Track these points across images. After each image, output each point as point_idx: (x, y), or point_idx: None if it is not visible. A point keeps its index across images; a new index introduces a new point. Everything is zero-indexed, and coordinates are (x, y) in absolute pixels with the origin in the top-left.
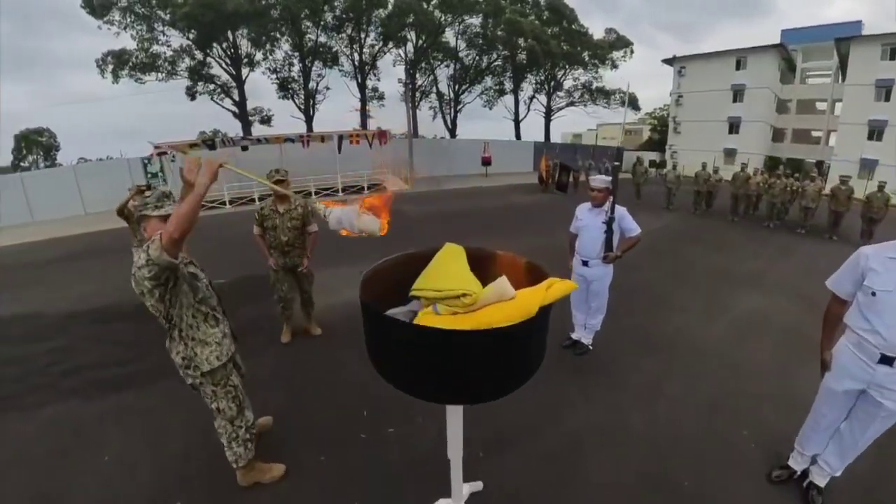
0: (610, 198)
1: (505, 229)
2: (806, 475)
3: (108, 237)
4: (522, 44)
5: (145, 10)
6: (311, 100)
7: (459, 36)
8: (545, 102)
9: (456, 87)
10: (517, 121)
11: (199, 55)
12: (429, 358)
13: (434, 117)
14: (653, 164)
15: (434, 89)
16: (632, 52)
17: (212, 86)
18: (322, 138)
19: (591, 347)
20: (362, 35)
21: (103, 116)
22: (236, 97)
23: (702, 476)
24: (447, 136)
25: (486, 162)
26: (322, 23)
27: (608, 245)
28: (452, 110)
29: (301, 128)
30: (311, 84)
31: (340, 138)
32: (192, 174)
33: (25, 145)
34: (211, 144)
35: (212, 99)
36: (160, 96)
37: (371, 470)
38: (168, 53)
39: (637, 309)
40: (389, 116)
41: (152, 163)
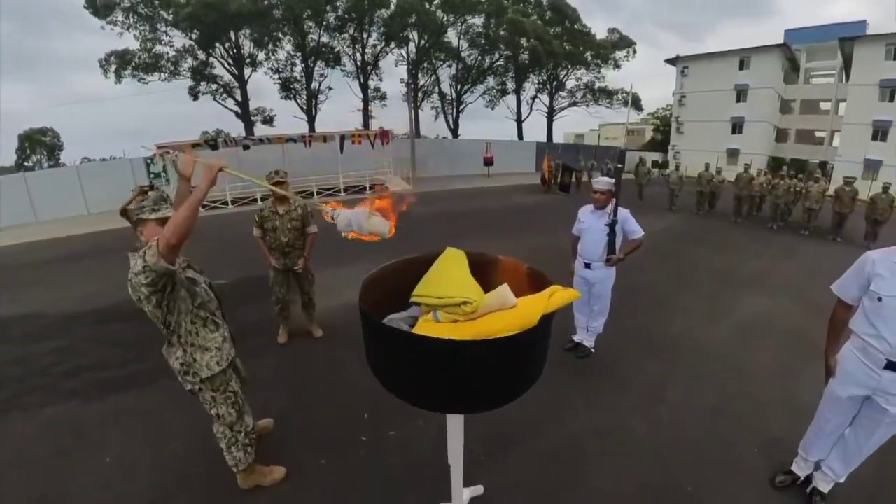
0: (613, 200)
1: (507, 230)
2: (809, 481)
3: (111, 237)
4: (525, 44)
5: (148, 11)
6: (314, 100)
7: (462, 36)
8: (547, 102)
9: (458, 87)
10: (519, 121)
11: (202, 55)
12: (428, 368)
13: (436, 117)
14: (655, 165)
15: (436, 89)
16: (634, 52)
17: (214, 86)
18: (324, 138)
19: (594, 350)
20: (364, 35)
21: (106, 116)
22: (239, 97)
23: (704, 481)
24: (449, 136)
25: (489, 162)
26: (324, 23)
27: (611, 248)
28: (454, 110)
29: (303, 128)
30: (314, 84)
31: (342, 138)
32: (188, 168)
33: (29, 145)
34: (213, 144)
35: (214, 99)
36: (163, 96)
37: (372, 473)
38: (171, 54)
39: (640, 310)
40: (391, 116)
41: (155, 163)
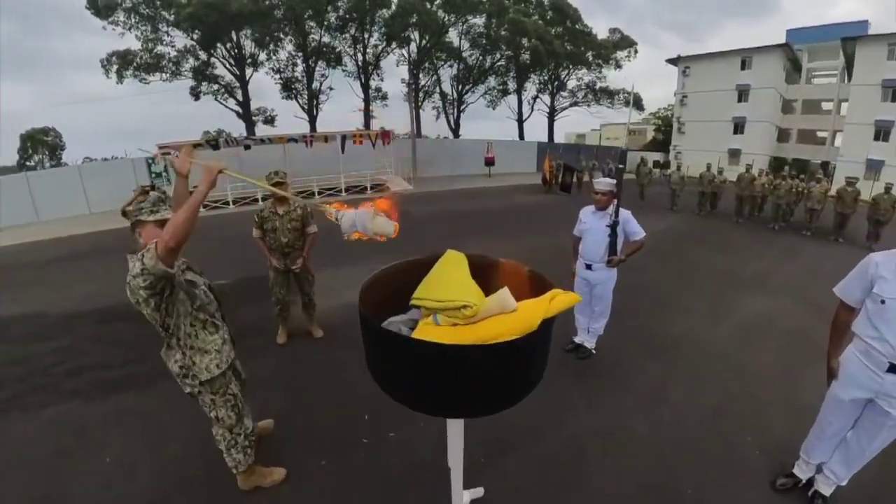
0: (614, 201)
1: (508, 230)
2: (811, 484)
3: (113, 237)
4: (526, 44)
5: (150, 11)
6: (315, 100)
7: (463, 36)
8: (549, 102)
9: (459, 87)
10: (520, 121)
11: (203, 55)
12: (427, 372)
13: (437, 117)
14: (657, 165)
15: (437, 89)
16: (636, 52)
17: (216, 86)
18: (325, 138)
19: (595, 351)
20: (366, 35)
21: (108, 116)
22: (240, 97)
23: (705, 483)
24: (450, 136)
25: (490, 162)
26: (326, 23)
27: (612, 249)
28: (456, 110)
29: (304, 128)
30: (315, 84)
31: (344, 138)
32: (185, 166)
33: (31, 145)
34: (215, 144)
35: (216, 99)
36: (164, 96)
37: (372, 475)
38: (172, 54)
39: (641, 311)
40: (393, 116)
41: (156, 163)
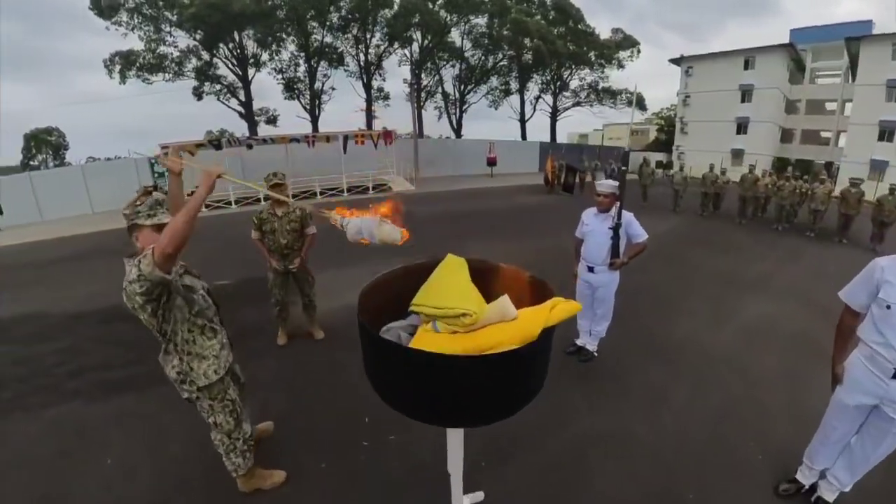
0: (616, 203)
1: (510, 231)
2: (814, 489)
3: (115, 237)
4: (528, 44)
5: (152, 12)
6: (317, 100)
7: (465, 36)
8: (551, 102)
9: (461, 87)
10: (523, 121)
11: (206, 56)
12: (424, 382)
13: (439, 117)
14: (659, 165)
15: (439, 89)
16: (638, 52)
17: (218, 86)
18: (327, 138)
19: (596, 354)
20: (368, 35)
21: (111, 116)
22: (242, 97)
23: (707, 488)
24: (452, 137)
25: (492, 162)
26: (328, 23)
27: (614, 251)
28: (458, 110)
29: (307, 128)
30: (317, 84)
31: (346, 138)
32: (176, 165)
33: (35, 144)
34: (217, 144)
35: (218, 99)
36: (167, 96)
37: (372, 477)
38: (175, 54)
39: (643, 313)
40: (395, 116)
41: (159, 163)
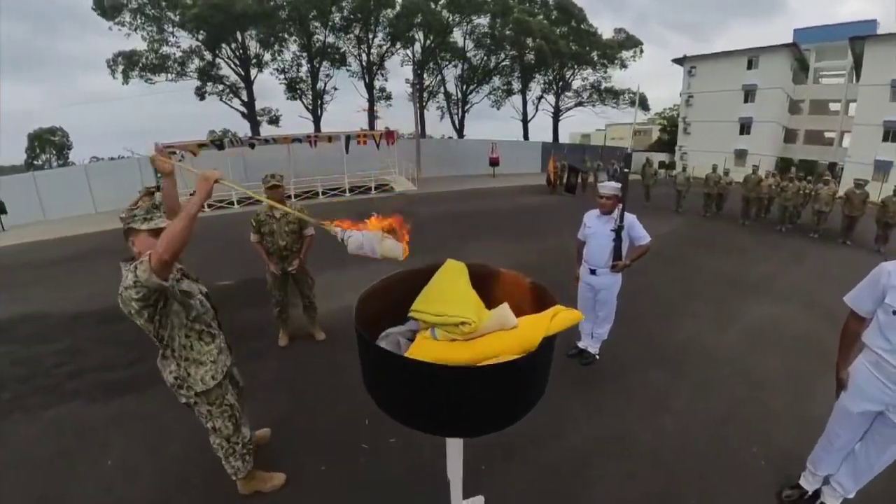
0: (619, 205)
1: (513, 231)
2: (817, 496)
3: (117, 237)
4: (531, 44)
5: (155, 12)
6: (319, 100)
7: (467, 36)
8: (553, 102)
9: (464, 87)
10: (525, 121)
11: (209, 56)
12: (422, 392)
13: (441, 117)
14: (662, 166)
15: (442, 89)
16: (641, 52)
17: (221, 86)
18: (329, 138)
19: (598, 357)
20: (370, 35)
21: (115, 116)
22: (245, 97)
23: (709, 494)
24: (455, 137)
25: (494, 162)
26: (330, 23)
27: (617, 254)
28: (460, 110)
29: (309, 128)
30: (319, 84)
31: (348, 138)
32: (165, 166)
33: (39, 144)
34: (220, 144)
35: (221, 99)
36: (170, 96)
37: (372, 480)
38: (178, 54)
39: (645, 315)
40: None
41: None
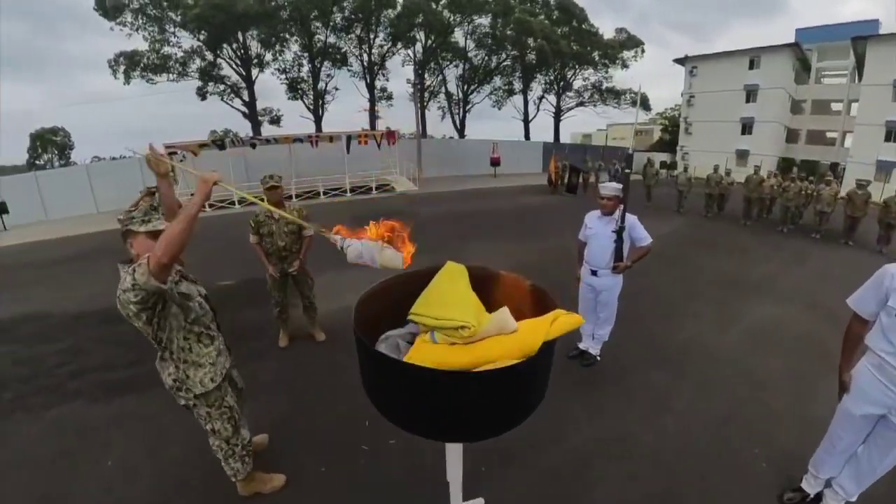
0: (620, 206)
1: (514, 232)
2: (819, 499)
3: (119, 236)
4: (532, 44)
5: (156, 12)
6: (320, 100)
7: (468, 36)
8: (555, 102)
9: (465, 87)
10: (526, 121)
11: (210, 56)
12: (421, 397)
13: (443, 117)
14: (664, 166)
15: (443, 89)
16: (643, 52)
17: (222, 86)
18: (331, 138)
19: (599, 358)
20: (371, 35)
21: (117, 116)
22: (246, 97)
23: (710, 496)
24: (456, 137)
25: (495, 162)
26: (331, 23)
27: (618, 255)
28: (461, 110)
29: (310, 128)
30: (320, 84)
31: (349, 138)
32: (160, 167)
33: (41, 144)
34: (221, 144)
35: (222, 99)
36: (171, 97)
37: (372, 482)
38: (179, 54)
39: (647, 316)
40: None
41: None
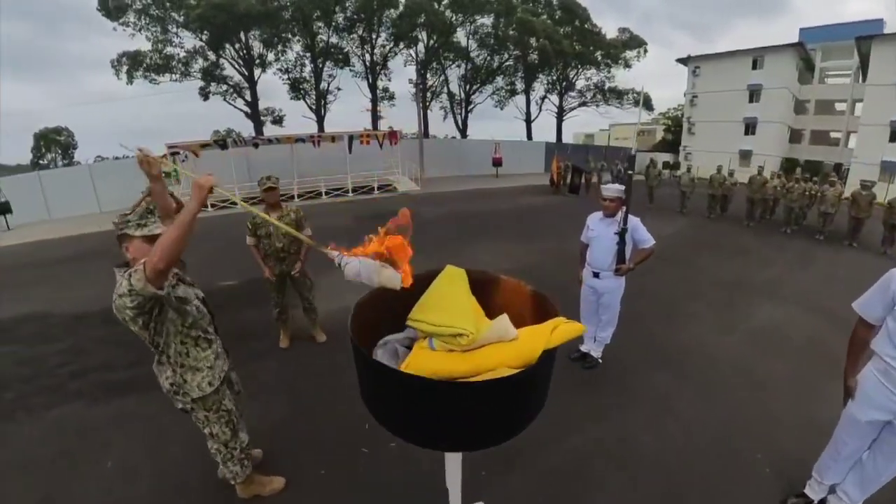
0: (622, 208)
1: (516, 232)
2: None
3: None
4: (534, 43)
5: (159, 13)
6: (323, 100)
7: (471, 36)
8: (557, 102)
9: (467, 87)
10: (528, 121)
11: (212, 56)
12: (418, 407)
13: (445, 117)
14: (666, 166)
15: (445, 89)
16: (645, 52)
17: (224, 86)
18: (333, 138)
19: (601, 360)
20: (373, 35)
21: (120, 116)
22: (248, 97)
23: (711, 500)
24: (458, 137)
25: (497, 163)
26: (333, 23)
27: (620, 257)
28: (463, 110)
29: (312, 128)
30: (323, 84)
31: (351, 138)
32: (153, 168)
33: (44, 144)
34: (223, 144)
35: (224, 99)
36: (174, 97)
37: (371, 485)
38: (181, 55)
39: (649, 318)
40: (400, 116)
41: (164, 162)
